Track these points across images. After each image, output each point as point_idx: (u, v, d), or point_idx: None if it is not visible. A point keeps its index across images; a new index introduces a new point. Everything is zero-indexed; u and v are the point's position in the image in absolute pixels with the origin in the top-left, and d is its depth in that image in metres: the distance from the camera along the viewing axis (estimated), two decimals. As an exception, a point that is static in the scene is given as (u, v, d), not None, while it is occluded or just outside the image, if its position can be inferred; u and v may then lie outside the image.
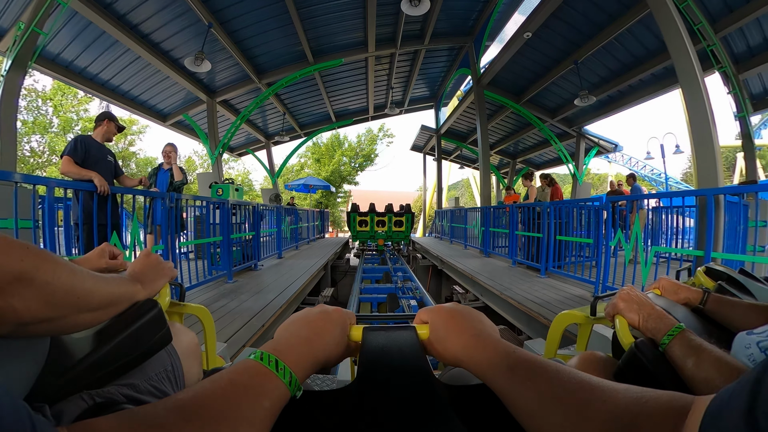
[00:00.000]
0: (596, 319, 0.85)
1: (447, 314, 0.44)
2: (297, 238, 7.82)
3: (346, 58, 8.21)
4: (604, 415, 0.29)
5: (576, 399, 0.31)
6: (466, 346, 0.39)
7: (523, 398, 0.33)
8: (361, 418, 0.34)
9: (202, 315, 0.89)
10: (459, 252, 7.45)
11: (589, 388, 0.31)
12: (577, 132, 10.62)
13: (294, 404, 0.34)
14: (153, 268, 0.59)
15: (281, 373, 0.33)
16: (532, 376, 0.34)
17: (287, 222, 6.90)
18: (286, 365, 0.34)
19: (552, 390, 0.32)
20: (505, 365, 0.35)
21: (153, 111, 9.05)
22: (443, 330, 0.42)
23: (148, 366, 0.51)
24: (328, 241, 10.58)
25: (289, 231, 7.17)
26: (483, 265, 5.65)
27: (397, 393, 0.35)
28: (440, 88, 12.52)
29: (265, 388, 0.32)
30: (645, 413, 0.28)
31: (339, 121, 11.81)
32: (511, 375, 0.34)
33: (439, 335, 0.42)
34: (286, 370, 0.33)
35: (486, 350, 0.38)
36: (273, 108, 10.55)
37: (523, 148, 13.64)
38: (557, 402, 0.31)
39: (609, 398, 0.30)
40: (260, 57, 7.99)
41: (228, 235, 4.31)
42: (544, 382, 0.33)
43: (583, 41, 7.37)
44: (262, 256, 5.54)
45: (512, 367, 0.35)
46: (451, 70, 11.02)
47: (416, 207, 37.61)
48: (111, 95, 7.56)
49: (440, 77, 11.86)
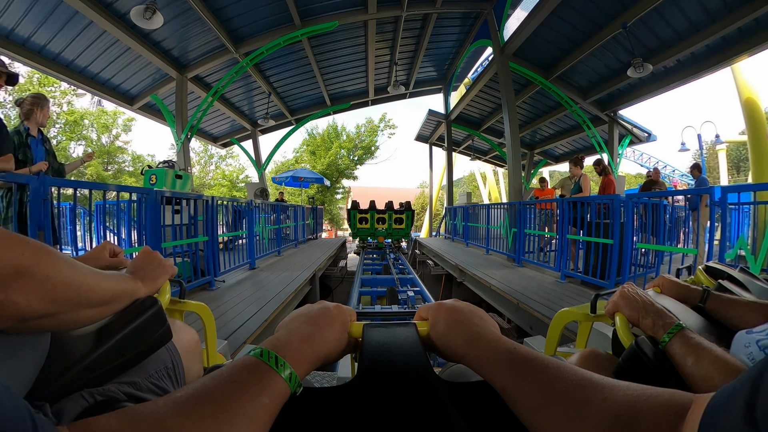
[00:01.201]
0: (596, 316, 0.84)
1: (447, 311, 0.44)
2: (280, 241, 6.35)
3: (342, 20, 6.71)
4: (604, 412, 0.29)
5: (576, 396, 0.31)
6: (466, 343, 0.39)
7: (523, 394, 0.33)
8: (362, 415, 0.33)
9: (203, 312, 0.89)
10: (480, 258, 5.99)
11: (589, 385, 0.31)
12: (611, 117, 9.12)
13: (294, 401, 0.34)
14: (153, 266, 0.58)
15: (281, 369, 0.33)
16: (532, 373, 0.33)
17: (263, 222, 5.42)
18: (287, 362, 0.34)
19: (552, 386, 0.32)
20: (505, 361, 0.35)
21: (118, 92, 7.76)
22: (444, 326, 0.42)
23: (149, 363, 0.51)
24: (321, 243, 9.11)
25: (268, 233, 5.69)
26: (521, 280, 4.20)
27: (397, 390, 0.34)
28: (450, 68, 11.01)
29: (264, 384, 0.31)
30: (645, 411, 0.28)
31: (335, 105, 10.26)
32: (512, 371, 0.34)
33: (440, 332, 0.43)
34: (286, 366, 0.33)
35: (486, 346, 0.37)
36: (259, 91, 9.07)
37: (540, 138, 12.14)
38: (557, 398, 0.31)
39: (609, 395, 0.30)
40: (236, 20, 6.51)
41: (158, 239, 2.88)
42: (545, 378, 0.33)
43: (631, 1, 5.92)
44: (225, 267, 4.11)
45: (512, 364, 0.35)
46: (465, 45, 9.51)
47: (418, 204, 36.27)
48: (75, 77, 6.71)
49: (451, 54, 10.34)
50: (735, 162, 30.51)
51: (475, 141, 12.61)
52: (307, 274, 4.39)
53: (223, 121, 10.45)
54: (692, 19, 6.01)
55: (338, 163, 18.60)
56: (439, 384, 0.35)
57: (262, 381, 0.31)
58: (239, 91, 9.03)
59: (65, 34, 5.80)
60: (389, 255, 8.21)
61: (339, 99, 10.39)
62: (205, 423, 0.27)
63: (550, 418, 0.31)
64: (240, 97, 9.36)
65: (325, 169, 17.82)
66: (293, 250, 7.16)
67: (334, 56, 8.71)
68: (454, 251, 7.05)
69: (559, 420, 0.31)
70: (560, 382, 0.32)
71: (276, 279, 4.12)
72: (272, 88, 9.14)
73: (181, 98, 7.25)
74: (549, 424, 0.31)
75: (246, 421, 0.28)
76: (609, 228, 3.56)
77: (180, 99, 7.23)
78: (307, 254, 6.56)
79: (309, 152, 19.03)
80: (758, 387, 0.20)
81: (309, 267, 4.95)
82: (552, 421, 0.31)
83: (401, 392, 0.34)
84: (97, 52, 6.46)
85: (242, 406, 0.29)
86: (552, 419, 0.31)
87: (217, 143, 11.54)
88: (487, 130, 11.54)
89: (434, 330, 0.43)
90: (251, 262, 4.72)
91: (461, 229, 8.28)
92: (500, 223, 6.07)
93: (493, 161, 14.52)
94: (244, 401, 0.29)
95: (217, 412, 0.28)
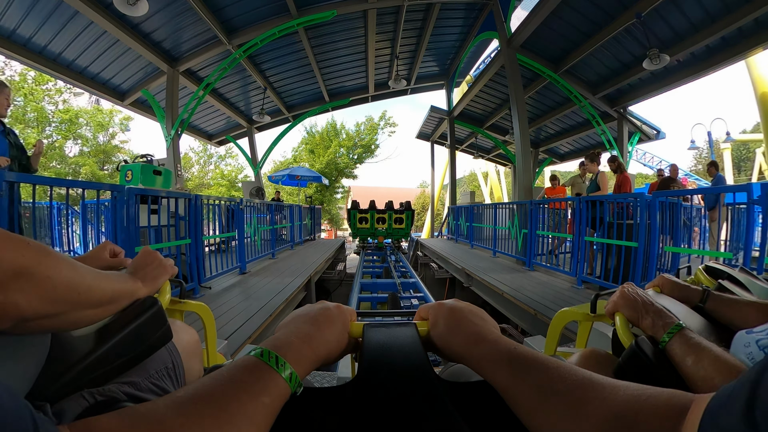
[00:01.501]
0: (596, 316, 0.84)
1: (448, 311, 0.44)
2: (275, 243, 6.01)
3: (340, 10, 6.36)
4: (603, 412, 0.29)
5: (576, 395, 0.31)
6: (466, 343, 0.39)
7: (523, 394, 0.33)
8: (362, 415, 0.33)
9: (203, 312, 0.89)
10: (488, 261, 5.65)
11: (589, 385, 0.31)
12: (620, 113, 8.77)
13: (295, 401, 0.34)
14: (153, 266, 0.57)
15: (281, 369, 0.33)
16: (532, 373, 0.33)
17: (255, 223, 5.08)
18: (287, 361, 0.33)
19: (552, 386, 0.32)
20: (505, 361, 0.35)
21: (108, 87, 7.47)
22: (444, 327, 0.43)
23: (149, 363, 0.50)
24: (319, 244, 8.78)
25: (261, 234, 5.36)
26: (534, 286, 3.87)
27: (397, 390, 0.34)
28: (453, 63, 10.67)
29: (265, 384, 0.31)
30: (644, 411, 0.28)
31: (333, 101, 9.91)
32: (512, 371, 0.34)
33: (440, 332, 0.43)
34: (287, 366, 0.33)
35: (486, 346, 0.37)
36: (255, 86, 8.73)
37: (545, 136, 11.79)
38: (557, 398, 0.31)
39: (609, 395, 0.30)
40: (229, 9, 6.16)
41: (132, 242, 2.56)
42: (545, 378, 0.33)
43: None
44: (213, 272, 3.78)
45: (513, 364, 0.35)
46: (469, 38, 9.17)
47: (418, 203, 35.91)
48: (64, 72, 6.47)
49: (454, 48, 9.99)
50: (735, 162, 30.14)
51: (478, 139, 12.28)
52: (300, 281, 4.05)
53: (218, 118, 10.11)
54: (708, 9, 5.68)
55: (337, 162, 18.14)
56: (439, 384, 0.35)
57: (262, 381, 0.31)
58: (234, 86, 8.69)
59: (51, 25, 5.53)
60: (390, 257, 7.95)
61: (338, 95, 10.04)
62: (206, 423, 0.27)
63: (551, 418, 0.31)
64: (235, 92, 9.03)
65: (323, 168, 17.34)
66: (289, 252, 6.82)
67: (332, 49, 8.38)
68: (458, 253, 6.71)
69: (559, 419, 0.30)
70: (560, 382, 0.32)
71: (266, 286, 3.78)
72: (268, 83, 8.81)
73: (171, 92, 6.92)
74: (549, 423, 0.31)
75: (246, 421, 0.28)
76: (633, 229, 3.23)
77: (171, 93, 6.90)
78: (302, 257, 6.21)
79: (308, 150, 18.56)
80: (758, 387, 0.20)
81: (303, 272, 4.61)
82: (552, 421, 0.31)
83: (401, 392, 0.34)
84: (84, 45, 6.17)
85: (242, 405, 0.29)
86: (552, 419, 0.31)
87: (212, 141, 11.20)
88: (492, 128, 11.20)
89: (434, 330, 0.44)
90: (242, 266, 4.38)
91: (465, 230, 7.92)
92: (508, 223, 5.73)
93: (496, 159, 14.18)
94: (245, 401, 0.29)
95: (217, 412, 0.28)
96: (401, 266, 6.76)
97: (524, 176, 5.57)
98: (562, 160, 12.84)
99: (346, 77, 9.62)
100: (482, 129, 11.01)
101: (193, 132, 10.26)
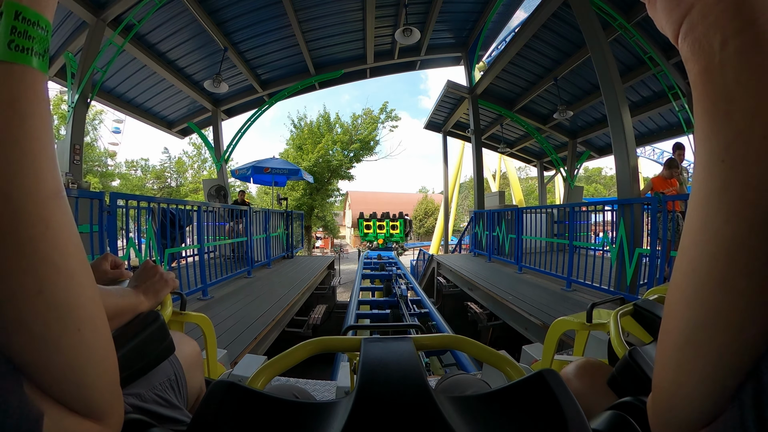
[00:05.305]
0: (592, 325, 0.86)
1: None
2: (221, 271, 3.72)
3: None
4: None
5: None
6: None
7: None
8: (360, 429, 0.33)
9: (204, 324, 0.91)
10: (568, 303, 3.37)
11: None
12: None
13: (293, 414, 0.35)
14: (155, 279, 0.59)
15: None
16: None
17: (152, 237, 2.79)
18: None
19: None
20: None
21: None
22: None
23: (153, 376, 0.52)
24: (297, 267, 6.44)
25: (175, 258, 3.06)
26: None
27: (394, 404, 0.34)
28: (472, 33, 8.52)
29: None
30: None
31: (320, 74, 7.65)
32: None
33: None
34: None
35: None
36: (216, 48, 6.53)
37: (583, 124, 9.59)
38: None
39: None
40: None
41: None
42: None
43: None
44: None
45: None
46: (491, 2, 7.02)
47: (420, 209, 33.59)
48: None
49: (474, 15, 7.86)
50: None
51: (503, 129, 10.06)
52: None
53: (177, 100, 7.89)
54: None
55: (329, 159, 15.69)
56: (437, 398, 0.35)
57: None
58: (188, 49, 6.46)
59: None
60: (391, 271, 7.20)
61: (327, 66, 7.78)
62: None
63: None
64: (191, 59, 6.80)
65: (312, 167, 14.83)
66: (244, 281, 4.48)
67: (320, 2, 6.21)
68: (507, 283, 4.39)
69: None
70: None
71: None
72: (234, 48, 6.60)
73: (89, 45, 4.74)
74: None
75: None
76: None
77: (88, 47, 4.72)
78: (257, 296, 3.85)
79: (295, 147, 16.08)
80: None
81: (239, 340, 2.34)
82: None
83: (398, 406, 0.34)
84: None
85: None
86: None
87: (173, 129, 8.92)
88: (523, 110, 8.94)
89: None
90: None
91: (507, 245, 5.56)
92: (604, 237, 3.48)
93: (520, 155, 11.92)
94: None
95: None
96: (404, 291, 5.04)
97: (629, 161, 3.32)
98: (600, 155, 10.66)
99: (338, 45, 7.42)
100: (512, 112, 8.73)
101: (150, 119, 8.05)
